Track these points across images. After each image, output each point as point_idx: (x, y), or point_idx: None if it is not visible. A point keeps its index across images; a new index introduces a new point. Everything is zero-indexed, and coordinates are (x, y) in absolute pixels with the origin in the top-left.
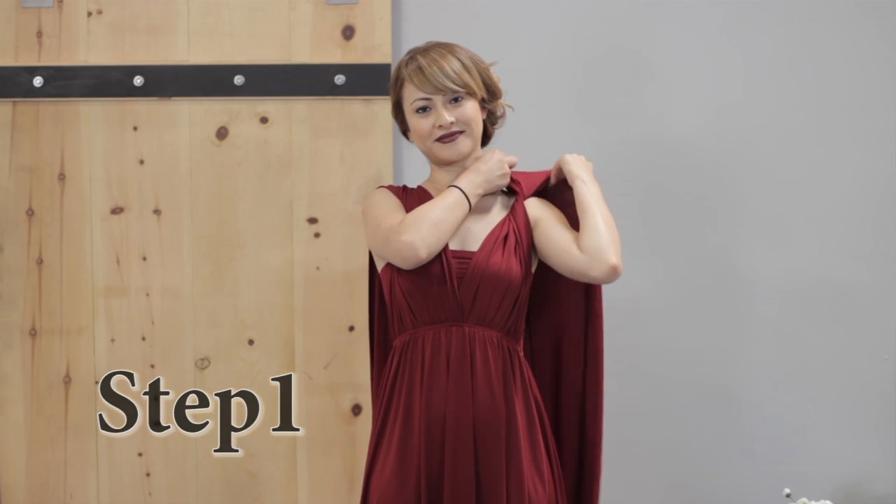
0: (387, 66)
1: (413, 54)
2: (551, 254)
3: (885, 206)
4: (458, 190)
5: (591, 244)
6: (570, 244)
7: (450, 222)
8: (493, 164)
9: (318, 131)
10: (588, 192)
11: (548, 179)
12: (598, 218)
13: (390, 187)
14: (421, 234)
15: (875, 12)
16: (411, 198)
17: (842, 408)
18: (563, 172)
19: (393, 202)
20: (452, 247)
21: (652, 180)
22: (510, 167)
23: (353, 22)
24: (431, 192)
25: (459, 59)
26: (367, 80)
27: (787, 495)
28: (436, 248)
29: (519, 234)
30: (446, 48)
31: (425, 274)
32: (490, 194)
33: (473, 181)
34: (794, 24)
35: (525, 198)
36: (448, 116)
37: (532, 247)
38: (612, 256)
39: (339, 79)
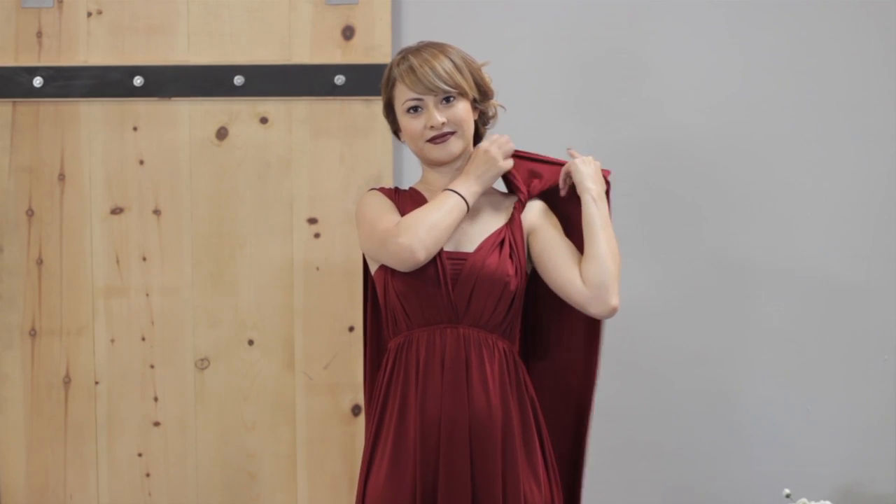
0: (387, 67)
1: (405, 54)
2: (548, 273)
3: (885, 206)
4: (455, 194)
5: (595, 279)
6: (571, 270)
7: (447, 225)
8: (479, 162)
9: (318, 132)
10: (595, 213)
11: (555, 185)
12: (603, 247)
13: (382, 189)
14: (419, 237)
15: (875, 12)
16: (404, 199)
17: (842, 408)
18: (570, 178)
19: (386, 204)
20: (446, 248)
21: (651, 180)
22: (507, 150)
23: (353, 22)
24: (424, 193)
25: (451, 60)
26: (367, 81)
27: (787, 495)
28: (433, 250)
29: (514, 238)
30: (438, 48)
31: (419, 275)
32: (486, 193)
33: (468, 183)
34: (793, 24)
35: (525, 204)
36: (439, 117)
37: (528, 250)
38: (614, 297)
39: (339, 79)
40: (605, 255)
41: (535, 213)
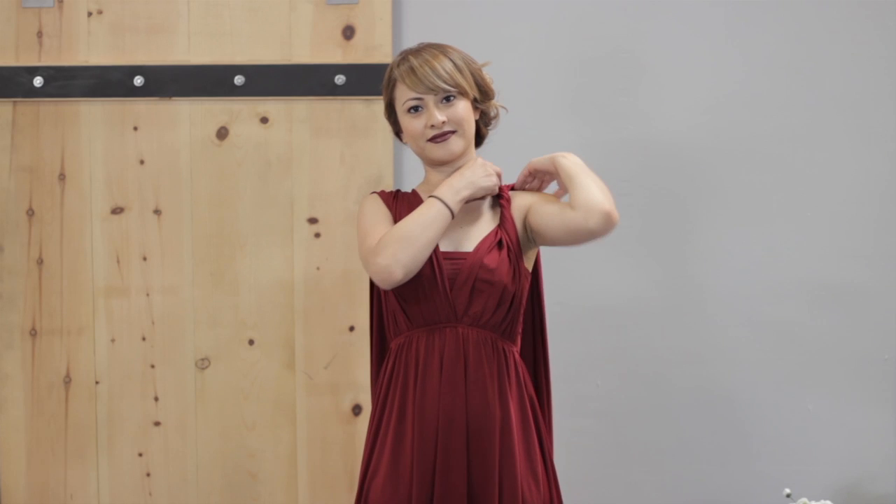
0: (387, 67)
1: (405, 55)
2: (548, 226)
3: (885, 206)
4: (437, 201)
5: (582, 199)
6: (563, 208)
7: (427, 237)
8: (476, 169)
9: (318, 131)
10: (570, 163)
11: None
12: (585, 178)
13: (381, 193)
14: (395, 256)
15: (875, 12)
16: (402, 203)
17: (842, 408)
18: (534, 173)
19: (381, 213)
20: (446, 248)
21: (649, 180)
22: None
23: (354, 22)
24: (425, 195)
25: (451, 60)
26: (368, 81)
27: (788, 495)
28: (412, 267)
29: (509, 237)
30: (438, 49)
31: (419, 276)
32: (481, 198)
33: (455, 187)
34: (793, 24)
35: (509, 203)
36: (440, 116)
37: (522, 250)
38: (605, 204)
39: (340, 79)
40: (586, 182)
41: (523, 197)
